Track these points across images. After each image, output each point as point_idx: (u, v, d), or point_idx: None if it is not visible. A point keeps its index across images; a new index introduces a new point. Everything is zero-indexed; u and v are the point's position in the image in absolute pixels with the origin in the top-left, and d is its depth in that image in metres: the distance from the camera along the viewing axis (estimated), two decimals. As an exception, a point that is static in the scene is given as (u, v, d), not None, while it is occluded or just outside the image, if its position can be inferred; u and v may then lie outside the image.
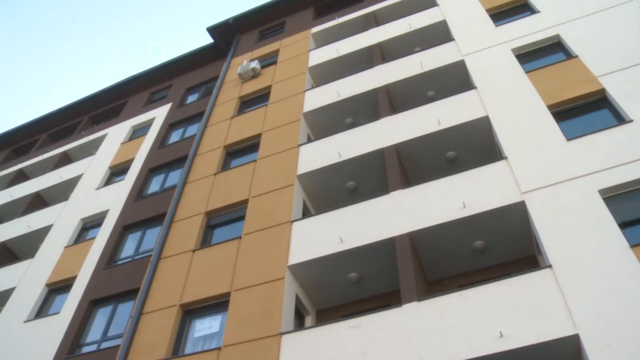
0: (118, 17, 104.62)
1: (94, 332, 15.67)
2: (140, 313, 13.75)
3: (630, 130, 12.24)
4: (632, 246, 9.88)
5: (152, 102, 27.68)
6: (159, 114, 25.22)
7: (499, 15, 18.98)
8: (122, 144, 24.54)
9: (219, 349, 11.83)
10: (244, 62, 23.35)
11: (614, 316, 8.99)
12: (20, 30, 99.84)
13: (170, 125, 23.90)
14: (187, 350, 12.74)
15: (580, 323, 9.09)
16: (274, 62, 23.06)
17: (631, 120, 12.44)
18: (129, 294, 15.92)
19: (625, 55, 14.32)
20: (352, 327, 10.83)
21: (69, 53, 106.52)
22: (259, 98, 21.29)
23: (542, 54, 16.31)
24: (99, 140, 26.21)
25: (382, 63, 19.06)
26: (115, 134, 25.79)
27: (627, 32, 15.21)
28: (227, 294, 13.06)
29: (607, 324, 8.92)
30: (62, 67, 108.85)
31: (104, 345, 15.05)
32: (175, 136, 23.29)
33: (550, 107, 13.86)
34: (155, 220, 18.29)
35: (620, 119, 12.91)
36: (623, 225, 10.46)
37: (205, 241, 15.42)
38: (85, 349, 15.25)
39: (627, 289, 9.30)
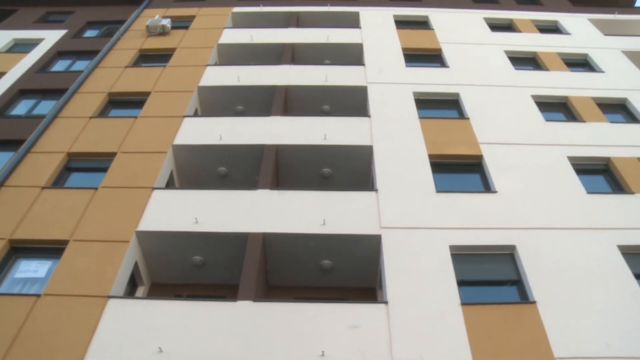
0: None
1: None
2: (-38, 237, 12.69)
3: (492, 200, 13.14)
4: (462, 304, 10.53)
5: (45, 22, 25.64)
6: (50, 37, 23.46)
7: (412, 57, 19.66)
8: (-2, 52, 22.61)
9: (37, 295, 11.13)
10: (156, 16, 22.49)
11: (429, 364, 9.48)
12: None
13: (58, 53, 22.35)
14: (3, 289, 11.79)
15: (396, 362, 9.49)
16: (186, 27, 22.42)
17: (495, 192, 13.36)
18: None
19: (508, 132, 15.43)
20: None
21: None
22: (160, 57, 20.52)
23: (439, 106, 17.11)
24: (-28, 40, 23.90)
25: (290, 64, 19.11)
26: (-8, 40, 23.67)
27: (516, 112, 16.42)
28: (65, 242, 12.36)
29: (420, 370, 9.38)
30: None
31: None
32: (60, 66, 21.77)
33: (430, 157, 14.51)
34: (11, 144, 16.85)
35: (487, 187, 13.80)
36: (460, 283, 11.10)
37: (58, 182, 14.56)
38: None
39: (449, 341, 9.86)
